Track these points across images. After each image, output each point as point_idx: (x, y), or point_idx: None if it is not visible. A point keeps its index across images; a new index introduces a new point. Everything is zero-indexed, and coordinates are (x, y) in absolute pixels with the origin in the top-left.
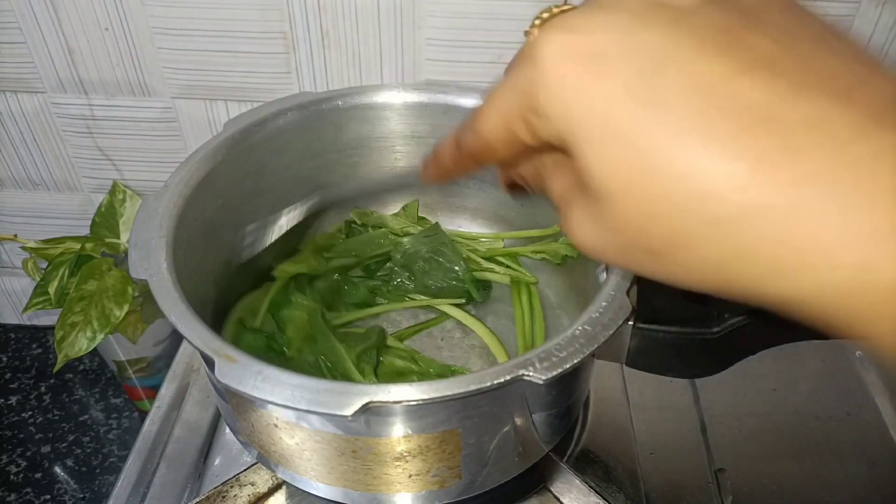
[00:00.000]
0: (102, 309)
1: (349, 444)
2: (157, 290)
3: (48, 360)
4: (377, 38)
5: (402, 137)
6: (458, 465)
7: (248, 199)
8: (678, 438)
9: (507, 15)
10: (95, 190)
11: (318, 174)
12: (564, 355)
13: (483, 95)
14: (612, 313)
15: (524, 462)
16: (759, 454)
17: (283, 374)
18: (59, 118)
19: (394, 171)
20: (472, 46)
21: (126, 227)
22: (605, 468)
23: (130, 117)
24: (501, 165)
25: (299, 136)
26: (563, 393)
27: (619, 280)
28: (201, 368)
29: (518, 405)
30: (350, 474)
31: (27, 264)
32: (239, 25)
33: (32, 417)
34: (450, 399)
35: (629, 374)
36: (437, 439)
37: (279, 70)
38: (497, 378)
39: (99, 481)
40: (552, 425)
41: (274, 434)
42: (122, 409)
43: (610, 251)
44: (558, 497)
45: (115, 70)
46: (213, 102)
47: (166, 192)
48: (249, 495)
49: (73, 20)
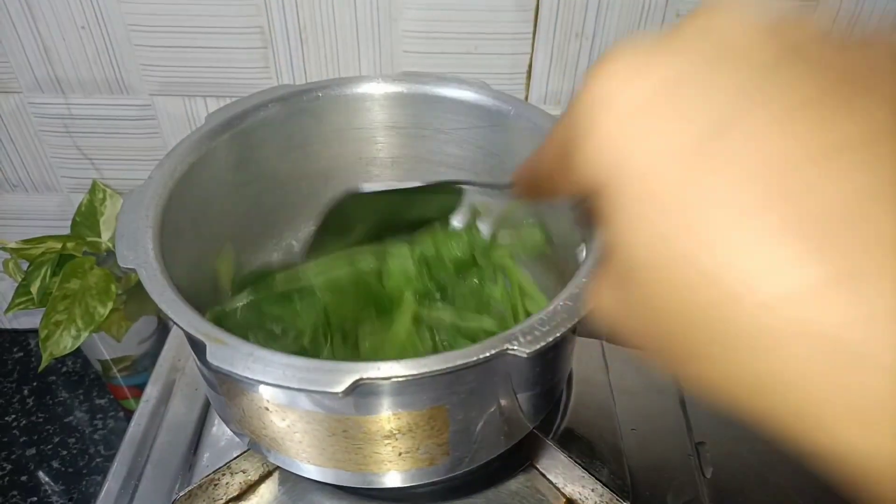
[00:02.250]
0: (86, 307)
1: (340, 423)
2: (146, 278)
3: (30, 363)
4: (354, 31)
5: (383, 128)
6: (446, 443)
7: (231, 191)
8: (659, 414)
9: (483, 6)
10: (74, 189)
11: (300, 165)
12: (547, 329)
13: (461, 85)
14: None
15: (510, 439)
16: (738, 427)
17: (274, 354)
18: (37, 118)
19: None
20: (448, 38)
21: (107, 226)
22: (590, 445)
23: (109, 116)
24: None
25: (280, 127)
26: (547, 369)
27: (597, 256)
28: (187, 366)
29: (503, 381)
30: (341, 454)
31: (8, 265)
32: (216, 21)
33: (16, 420)
34: (437, 374)
35: (610, 356)
36: (425, 416)
37: (257, 65)
38: (483, 352)
39: (86, 482)
40: (536, 403)
41: (265, 418)
42: (108, 410)
43: (626, 329)
44: (544, 474)
45: (92, 68)
46: (191, 99)
47: (150, 185)
48: (241, 482)
49: (48, 19)
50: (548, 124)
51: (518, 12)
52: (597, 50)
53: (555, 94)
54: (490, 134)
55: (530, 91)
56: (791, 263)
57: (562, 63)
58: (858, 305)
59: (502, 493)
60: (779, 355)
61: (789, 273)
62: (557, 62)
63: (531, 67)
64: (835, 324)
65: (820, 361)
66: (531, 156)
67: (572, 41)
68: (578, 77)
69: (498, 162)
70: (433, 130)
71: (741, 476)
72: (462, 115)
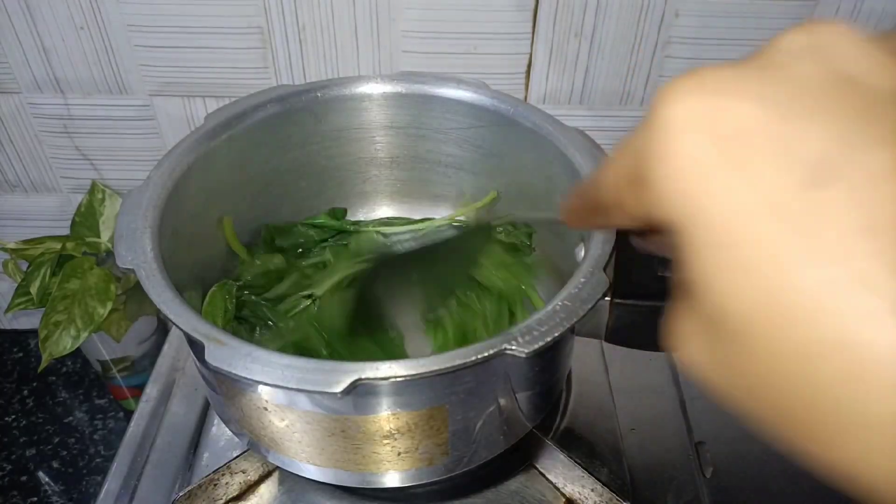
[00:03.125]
0: (86, 307)
1: (338, 423)
2: (145, 278)
3: (30, 364)
4: (353, 31)
5: (381, 127)
6: (446, 442)
7: (230, 191)
8: (659, 415)
9: (482, 6)
10: (74, 190)
11: (299, 165)
12: (545, 329)
13: (460, 85)
14: (590, 288)
15: (509, 439)
16: (738, 427)
17: (273, 354)
18: (36, 118)
19: None
20: (448, 38)
21: (106, 226)
22: (589, 445)
23: (108, 116)
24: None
25: (279, 127)
26: (545, 369)
27: (596, 257)
28: (186, 366)
29: (502, 381)
30: (340, 454)
31: (7, 266)
32: (215, 21)
33: (16, 421)
34: (436, 374)
35: (609, 356)
36: (424, 416)
37: (256, 65)
38: (481, 353)
39: (86, 482)
40: (535, 402)
41: (264, 418)
42: (107, 410)
43: (725, 386)
44: (544, 474)
45: (91, 69)
46: (190, 99)
47: (149, 185)
48: (241, 482)
49: (47, 19)
50: (547, 124)
51: (517, 12)
52: (596, 49)
53: (554, 94)
54: (489, 134)
55: (529, 91)
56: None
57: (561, 63)
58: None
59: (502, 493)
60: None
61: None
62: (556, 62)
63: (530, 67)
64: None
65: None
66: (587, 183)
67: (571, 41)
68: (578, 77)
69: (497, 162)
70: (432, 130)
71: (741, 476)
72: (461, 115)
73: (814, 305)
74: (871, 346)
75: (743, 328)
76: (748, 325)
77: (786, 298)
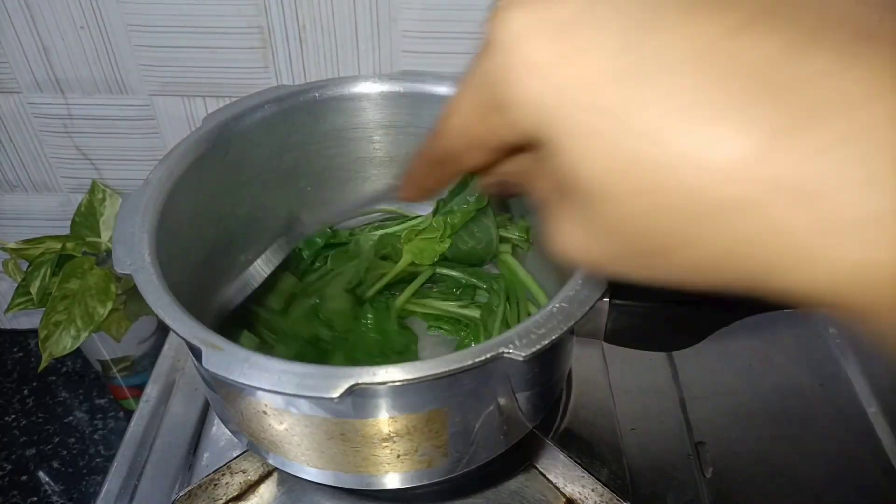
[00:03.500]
0: (86, 307)
1: (337, 427)
2: (142, 283)
3: (30, 364)
4: (353, 32)
5: (379, 127)
6: (445, 444)
7: (229, 192)
8: (658, 414)
9: (482, 6)
10: (74, 190)
11: (298, 166)
12: (543, 332)
13: None
14: (588, 290)
15: (509, 439)
16: (738, 427)
17: (270, 360)
18: (36, 118)
19: (368, 194)
20: (448, 38)
21: (106, 226)
22: (589, 445)
23: (108, 116)
24: (479, 172)
25: (277, 128)
26: (545, 370)
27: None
28: (186, 366)
29: (501, 383)
30: (339, 457)
31: (8, 265)
32: (215, 21)
33: (16, 421)
34: (433, 379)
35: (609, 356)
36: (423, 419)
37: (256, 65)
38: (478, 356)
39: (86, 482)
40: (535, 403)
41: (263, 421)
42: (107, 410)
43: (602, 258)
44: (544, 474)
45: (91, 68)
46: (191, 99)
47: (148, 188)
48: (241, 483)
49: (47, 19)
50: None
51: None
52: None
53: None
54: None
55: None
56: (737, 130)
57: None
58: (803, 150)
59: (502, 494)
60: (753, 213)
61: (740, 140)
62: None
63: None
64: (790, 172)
65: (790, 206)
66: (428, 139)
67: None
68: None
69: None
70: (431, 130)
71: (741, 476)
72: None
73: (655, 142)
74: (702, 154)
75: (610, 189)
76: (614, 185)
77: (637, 149)
